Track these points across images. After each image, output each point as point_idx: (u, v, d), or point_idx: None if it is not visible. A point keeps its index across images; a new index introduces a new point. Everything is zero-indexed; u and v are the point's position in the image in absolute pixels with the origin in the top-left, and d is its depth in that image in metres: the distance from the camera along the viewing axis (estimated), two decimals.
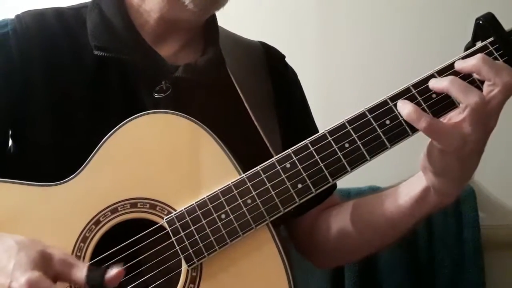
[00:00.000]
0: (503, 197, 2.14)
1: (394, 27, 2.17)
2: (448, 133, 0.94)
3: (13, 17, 1.20)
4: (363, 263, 1.98)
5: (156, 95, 1.15)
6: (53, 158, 1.11)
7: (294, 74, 1.42)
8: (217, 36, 1.28)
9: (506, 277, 2.08)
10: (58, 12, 1.22)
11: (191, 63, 1.20)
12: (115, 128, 1.05)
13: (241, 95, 1.22)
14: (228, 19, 1.30)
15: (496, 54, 0.98)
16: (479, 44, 0.99)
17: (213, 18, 1.29)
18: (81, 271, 0.90)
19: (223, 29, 1.34)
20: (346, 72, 2.18)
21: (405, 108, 0.96)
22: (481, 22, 0.98)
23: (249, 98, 1.23)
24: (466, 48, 1.01)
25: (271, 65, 1.36)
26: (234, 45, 1.33)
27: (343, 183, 1.19)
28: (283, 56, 1.42)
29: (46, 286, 0.85)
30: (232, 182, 1.00)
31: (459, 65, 0.97)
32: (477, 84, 0.96)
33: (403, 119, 0.97)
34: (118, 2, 1.21)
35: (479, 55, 0.95)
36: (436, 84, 0.97)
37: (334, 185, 1.30)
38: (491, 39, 0.98)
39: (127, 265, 0.99)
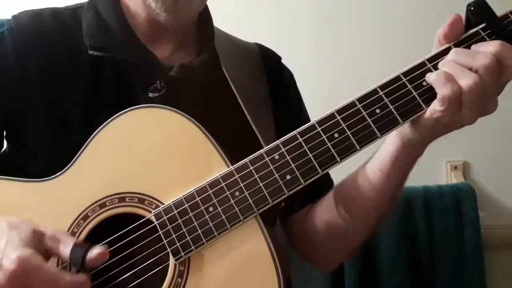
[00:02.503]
0: (503, 197, 2.15)
1: (394, 27, 2.17)
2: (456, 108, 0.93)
3: (10, 17, 1.20)
4: (363, 263, 1.98)
5: (151, 95, 1.15)
6: (48, 158, 1.10)
7: (290, 75, 1.41)
8: (212, 37, 1.28)
9: (506, 277, 2.09)
10: (55, 13, 1.22)
11: (185, 63, 1.19)
12: (104, 124, 1.04)
13: (236, 94, 1.22)
14: (227, 19, 1.29)
15: (488, 40, 0.96)
16: (471, 31, 0.97)
17: (208, 19, 1.29)
18: (67, 247, 0.90)
19: (219, 31, 1.33)
20: (346, 72, 2.19)
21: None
22: (472, 8, 0.97)
23: (244, 98, 1.22)
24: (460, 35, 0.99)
25: (267, 66, 1.35)
26: (230, 47, 1.32)
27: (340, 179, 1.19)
28: (279, 58, 1.41)
29: (37, 263, 0.85)
30: (220, 174, 0.99)
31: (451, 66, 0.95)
32: None
33: (394, 107, 0.95)
34: (113, 3, 1.21)
35: (452, 50, 0.95)
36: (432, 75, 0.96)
37: (331, 183, 1.29)
38: (483, 25, 0.97)
39: (114, 259, 0.98)
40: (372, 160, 1.10)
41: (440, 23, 2.02)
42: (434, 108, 0.94)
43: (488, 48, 0.93)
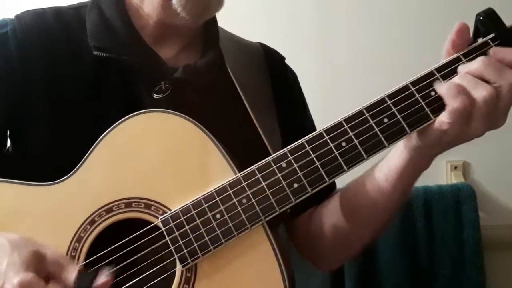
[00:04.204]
0: (503, 197, 2.15)
1: (394, 27, 2.17)
2: (465, 120, 0.93)
3: (12, 17, 1.19)
4: (363, 263, 1.99)
5: (155, 96, 1.14)
6: (52, 158, 1.10)
7: (293, 76, 1.41)
8: (217, 37, 1.28)
9: (506, 277, 2.09)
10: (58, 12, 1.21)
11: (190, 64, 1.19)
12: (110, 128, 1.04)
13: (241, 95, 1.22)
14: (228, 20, 1.29)
15: None
16: (480, 40, 0.97)
17: (213, 19, 1.29)
18: (71, 274, 0.89)
19: (223, 30, 1.33)
20: (346, 73, 2.19)
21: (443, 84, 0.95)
22: (481, 17, 0.96)
23: (249, 98, 1.22)
24: (468, 45, 0.99)
25: (270, 67, 1.35)
26: (234, 47, 1.32)
27: (342, 181, 1.18)
28: (283, 58, 1.41)
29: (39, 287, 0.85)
30: (227, 182, 0.99)
31: (461, 69, 0.96)
32: None
33: (401, 117, 0.96)
34: (117, 2, 1.21)
35: (480, 58, 0.94)
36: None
37: (334, 185, 1.29)
38: (492, 35, 0.97)
39: (121, 265, 0.98)
40: (379, 169, 1.10)
41: (441, 23, 2.03)
42: (442, 120, 0.94)
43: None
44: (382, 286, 2.00)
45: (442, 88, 0.95)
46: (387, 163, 1.08)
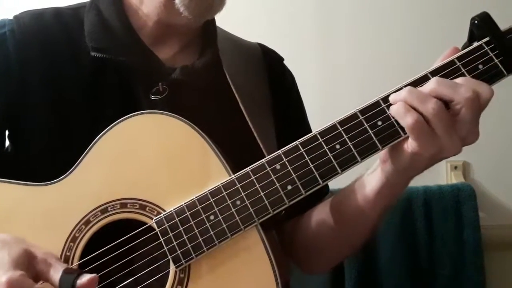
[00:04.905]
0: (503, 197, 2.15)
1: (394, 27, 2.17)
2: (429, 137, 0.93)
3: (11, 17, 1.20)
4: (363, 263, 1.99)
5: (153, 97, 1.14)
6: (49, 159, 1.11)
7: (291, 77, 1.41)
8: (215, 37, 1.28)
9: (506, 277, 2.09)
10: (57, 12, 1.22)
11: (188, 65, 1.19)
12: (106, 129, 1.04)
13: (237, 97, 1.21)
14: (228, 19, 1.29)
15: (491, 54, 0.96)
16: (475, 44, 0.97)
17: (212, 20, 1.28)
18: (57, 273, 0.89)
19: (222, 30, 1.33)
20: (346, 73, 2.19)
21: (395, 100, 0.95)
22: (476, 21, 0.97)
23: (245, 100, 1.22)
24: (463, 48, 0.99)
25: (269, 68, 1.35)
26: (232, 47, 1.32)
27: (335, 184, 1.18)
28: (281, 58, 1.41)
29: (27, 286, 0.85)
30: (221, 183, 0.99)
31: (413, 92, 0.95)
32: None
33: (395, 120, 0.95)
34: (116, 3, 1.21)
35: (433, 79, 0.94)
36: (395, 96, 0.96)
37: (327, 189, 1.29)
38: (486, 38, 0.97)
39: (115, 265, 0.99)
40: (360, 186, 1.09)
41: (441, 24, 2.03)
42: (409, 141, 0.94)
43: (469, 84, 0.93)
44: (382, 286, 2.00)
45: (392, 110, 0.95)
46: (368, 184, 1.07)
